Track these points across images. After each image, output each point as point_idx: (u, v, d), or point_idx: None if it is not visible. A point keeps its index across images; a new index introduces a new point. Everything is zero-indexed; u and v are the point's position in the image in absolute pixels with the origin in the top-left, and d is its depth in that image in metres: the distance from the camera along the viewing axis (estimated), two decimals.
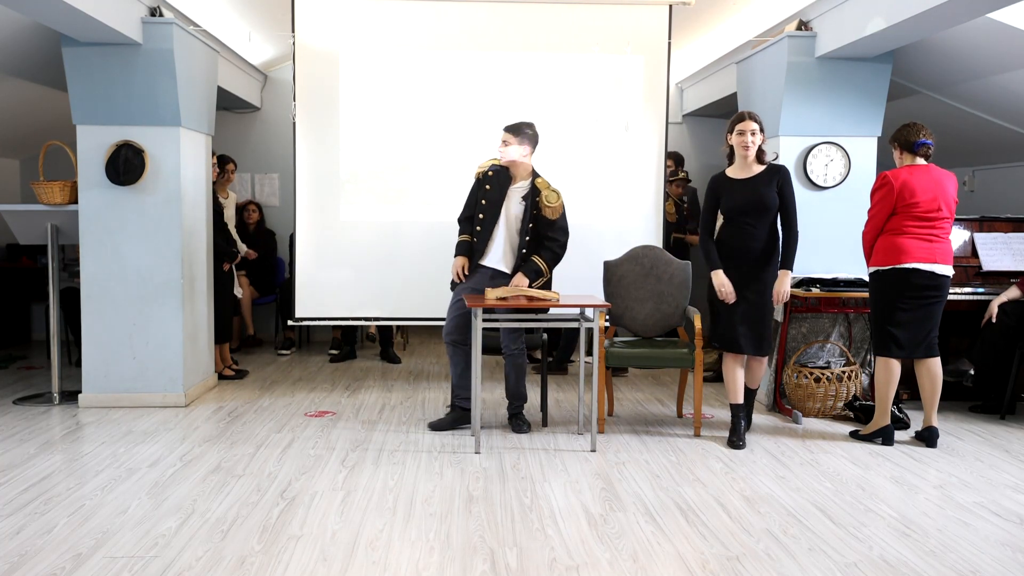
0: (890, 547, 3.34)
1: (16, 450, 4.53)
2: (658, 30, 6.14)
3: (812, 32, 5.53)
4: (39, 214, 5.58)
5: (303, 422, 5.19)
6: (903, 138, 4.71)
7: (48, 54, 5.56)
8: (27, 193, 7.75)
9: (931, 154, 4.70)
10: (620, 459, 4.50)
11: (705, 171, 8.46)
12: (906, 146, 4.69)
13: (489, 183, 4.95)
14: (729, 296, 4.72)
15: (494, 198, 4.94)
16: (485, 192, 4.96)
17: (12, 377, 6.47)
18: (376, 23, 6.11)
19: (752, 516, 3.66)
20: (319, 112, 6.11)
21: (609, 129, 6.22)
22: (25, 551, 3.21)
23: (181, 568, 3.07)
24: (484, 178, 4.99)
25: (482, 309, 4.59)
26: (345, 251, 6.19)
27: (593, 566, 3.13)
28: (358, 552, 3.23)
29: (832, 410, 5.41)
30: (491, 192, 4.95)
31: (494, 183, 4.95)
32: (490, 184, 4.95)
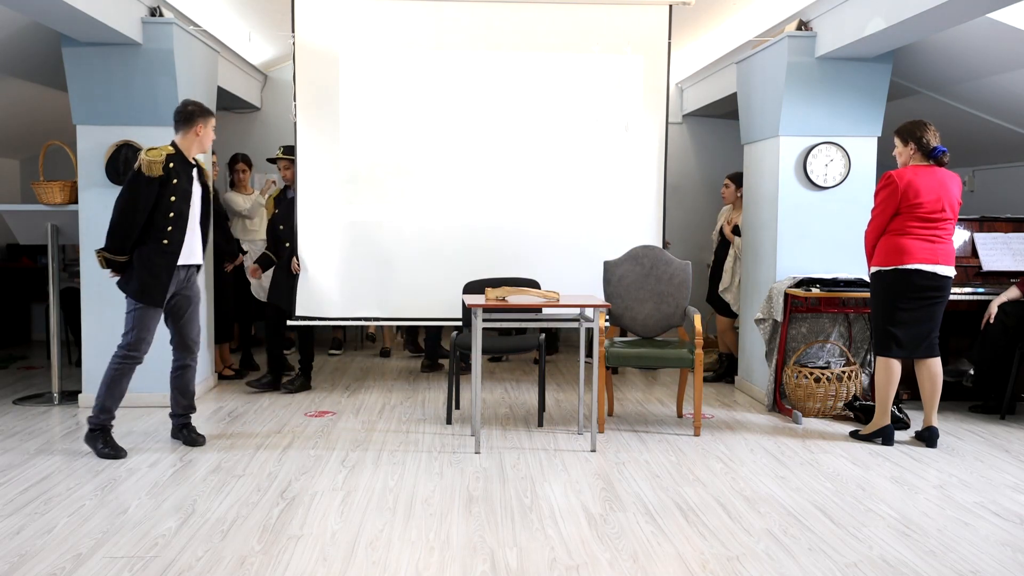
0: (890, 547, 3.34)
1: (16, 450, 4.53)
2: (658, 30, 6.14)
3: (812, 32, 5.53)
4: (39, 214, 5.59)
5: (303, 422, 5.19)
6: (917, 138, 4.66)
7: (48, 54, 5.56)
8: (27, 193, 7.75)
9: (947, 161, 4.69)
10: (620, 459, 4.50)
11: (705, 172, 8.48)
12: (923, 148, 4.66)
13: (177, 177, 4.42)
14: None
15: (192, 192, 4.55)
16: (176, 189, 4.42)
17: (12, 377, 6.47)
18: (376, 23, 6.10)
19: (752, 516, 3.66)
20: (319, 112, 6.11)
21: (609, 129, 6.22)
22: (25, 551, 3.21)
23: (181, 568, 3.07)
24: (171, 174, 4.39)
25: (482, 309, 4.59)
26: (345, 251, 6.19)
27: (593, 566, 3.13)
28: (358, 552, 3.23)
29: (832, 410, 5.41)
30: (188, 187, 4.50)
31: (185, 176, 4.49)
32: (178, 178, 4.43)
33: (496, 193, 6.22)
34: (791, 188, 5.70)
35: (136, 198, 4.32)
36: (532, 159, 6.22)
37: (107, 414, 4.41)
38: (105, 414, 4.40)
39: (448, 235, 6.21)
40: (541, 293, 4.73)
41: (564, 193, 6.25)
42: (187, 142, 4.51)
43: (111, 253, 4.36)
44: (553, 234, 6.24)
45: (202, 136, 4.54)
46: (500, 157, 6.21)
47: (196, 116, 4.51)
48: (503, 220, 6.22)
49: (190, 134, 4.51)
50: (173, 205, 4.41)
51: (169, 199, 4.39)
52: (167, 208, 4.38)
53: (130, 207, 4.32)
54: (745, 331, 6.24)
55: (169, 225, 4.40)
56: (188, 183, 4.50)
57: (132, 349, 4.39)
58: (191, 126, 4.50)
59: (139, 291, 4.38)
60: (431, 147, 6.19)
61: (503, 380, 6.58)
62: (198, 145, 4.55)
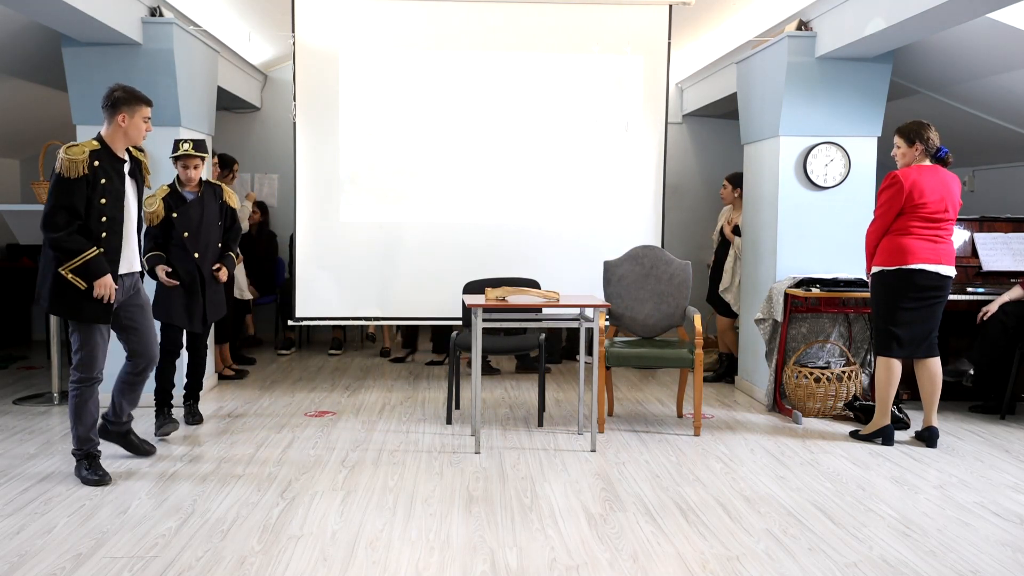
0: (890, 547, 3.34)
1: (16, 450, 4.52)
2: (658, 30, 6.15)
3: (812, 32, 5.53)
4: (39, 214, 5.55)
5: (303, 422, 5.19)
6: (924, 138, 4.66)
7: (48, 54, 5.56)
8: (27, 193, 7.75)
9: (951, 162, 4.71)
10: (620, 459, 4.50)
11: (705, 172, 8.47)
12: (928, 148, 4.67)
13: (105, 176, 3.91)
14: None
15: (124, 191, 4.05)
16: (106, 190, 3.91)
17: (12, 377, 6.47)
18: (376, 23, 6.11)
19: (752, 516, 3.66)
20: (319, 112, 6.11)
21: (609, 129, 6.22)
22: (25, 551, 3.21)
23: (181, 568, 3.07)
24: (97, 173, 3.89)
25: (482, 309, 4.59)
26: (345, 251, 6.19)
27: (593, 566, 3.13)
28: (358, 552, 3.23)
29: (832, 410, 5.41)
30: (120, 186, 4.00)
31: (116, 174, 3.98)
32: (106, 178, 3.92)
33: (496, 193, 6.23)
34: (791, 188, 5.70)
35: (69, 201, 3.79)
36: (532, 159, 6.22)
37: (87, 443, 4.02)
38: (84, 443, 4.02)
39: (448, 235, 6.21)
40: (541, 293, 4.73)
41: (564, 193, 6.25)
42: (112, 135, 3.93)
43: (75, 265, 3.82)
44: (553, 234, 6.25)
45: (127, 127, 3.92)
46: (500, 157, 6.22)
47: (120, 104, 3.91)
48: (503, 220, 6.23)
49: (114, 124, 3.92)
50: (104, 208, 3.87)
51: (99, 202, 3.86)
52: (98, 212, 3.86)
53: (64, 213, 3.79)
54: (745, 331, 6.24)
55: (103, 231, 3.88)
56: (120, 182, 3.95)
57: (85, 370, 3.97)
58: (114, 115, 3.91)
59: (74, 308, 3.88)
60: (431, 147, 6.19)
61: (503, 380, 6.58)
62: (124, 138, 3.95)
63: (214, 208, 4.94)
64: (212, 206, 4.93)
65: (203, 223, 4.87)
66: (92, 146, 3.88)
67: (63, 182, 3.80)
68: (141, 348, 4.19)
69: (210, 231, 4.92)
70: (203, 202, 4.89)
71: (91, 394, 4.02)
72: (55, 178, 3.83)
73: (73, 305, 3.89)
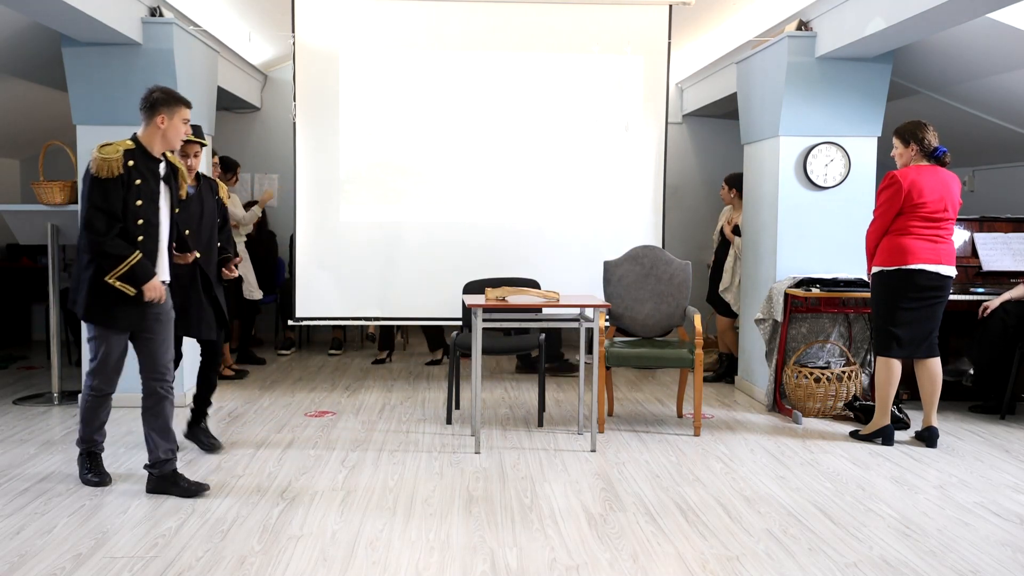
0: (890, 547, 3.33)
1: (16, 450, 4.52)
2: (658, 30, 6.15)
3: (812, 32, 5.53)
4: (39, 214, 5.58)
5: (303, 422, 5.19)
6: (919, 139, 4.66)
7: (48, 54, 5.56)
8: (27, 193, 7.75)
9: (948, 162, 4.70)
10: (620, 459, 4.50)
11: (705, 172, 8.47)
12: (923, 148, 4.67)
13: (140, 177, 3.73)
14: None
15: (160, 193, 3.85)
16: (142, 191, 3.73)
17: (12, 377, 6.47)
18: (376, 23, 6.11)
19: (752, 516, 3.66)
20: (319, 112, 6.11)
21: (609, 129, 6.22)
22: (25, 551, 3.21)
23: (181, 568, 3.07)
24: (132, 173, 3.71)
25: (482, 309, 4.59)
26: (345, 251, 6.19)
27: (593, 566, 3.13)
28: (358, 552, 3.23)
29: (832, 410, 5.41)
30: (155, 188, 3.81)
31: (152, 175, 3.79)
32: (142, 179, 3.73)
33: (496, 193, 6.23)
34: (791, 188, 5.70)
35: (105, 203, 3.61)
36: (532, 159, 6.22)
37: (91, 443, 3.95)
38: (88, 443, 3.94)
39: (448, 235, 6.22)
40: (541, 293, 4.73)
41: (564, 193, 6.26)
42: (150, 136, 3.75)
43: (121, 272, 3.65)
44: (553, 234, 6.25)
45: (165, 129, 3.74)
46: (500, 157, 6.22)
47: (159, 105, 3.73)
48: (503, 220, 6.23)
49: (152, 126, 3.74)
50: (140, 210, 3.69)
51: (135, 203, 3.67)
52: (134, 215, 3.67)
53: (102, 216, 3.61)
54: (745, 331, 6.24)
55: (139, 234, 3.69)
56: (155, 184, 3.77)
57: (99, 380, 3.81)
58: (152, 116, 3.74)
59: (96, 313, 3.71)
60: (431, 147, 6.19)
61: (503, 380, 6.58)
62: (161, 140, 3.77)
63: (212, 203, 4.51)
64: (210, 201, 4.50)
65: (203, 219, 4.43)
66: (126, 145, 3.71)
67: (97, 183, 3.63)
68: (149, 361, 3.86)
69: (211, 228, 4.50)
70: (202, 197, 4.44)
71: (102, 403, 3.90)
72: (88, 179, 3.65)
73: (109, 312, 3.72)
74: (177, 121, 3.78)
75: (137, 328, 3.79)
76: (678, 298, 5.39)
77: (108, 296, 3.68)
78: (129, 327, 3.78)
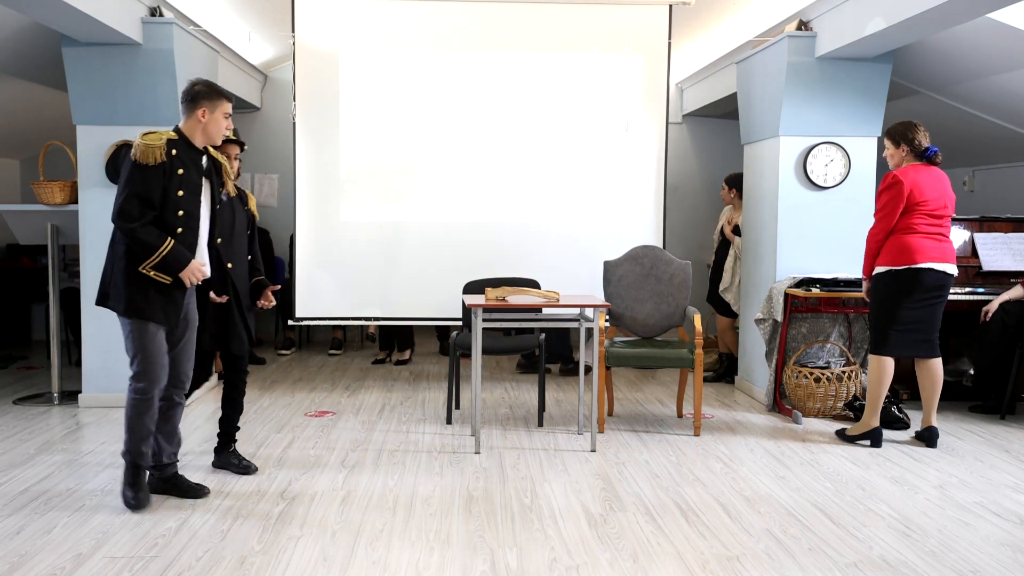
0: (890, 547, 3.33)
1: (16, 450, 4.52)
2: (658, 30, 6.15)
3: (812, 32, 5.53)
4: (39, 214, 5.59)
5: (303, 422, 5.19)
6: (909, 139, 4.67)
7: (48, 54, 5.56)
8: (27, 193, 7.75)
9: (939, 161, 4.70)
10: (620, 459, 4.50)
11: (704, 172, 8.47)
12: (914, 149, 4.67)
13: (183, 167, 3.60)
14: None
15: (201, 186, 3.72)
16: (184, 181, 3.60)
17: (12, 377, 6.47)
18: (376, 23, 6.11)
19: (752, 516, 3.66)
20: (319, 112, 6.11)
21: (609, 129, 6.22)
22: (25, 551, 3.21)
23: (181, 568, 3.07)
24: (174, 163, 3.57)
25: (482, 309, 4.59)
26: (345, 251, 6.19)
27: (593, 566, 3.13)
28: (358, 552, 3.23)
29: (832, 410, 5.41)
30: (197, 179, 3.69)
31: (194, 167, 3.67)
32: (184, 169, 3.61)
33: (496, 193, 6.23)
34: (791, 188, 5.70)
35: (144, 189, 3.47)
36: (532, 159, 6.23)
37: (138, 456, 3.66)
38: (135, 455, 3.66)
39: (448, 235, 6.22)
40: (541, 293, 4.73)
41: (564, 193, 6.26)
42: (191, 128, 3.66)
43: (154, 262, 3.51)
44: (553, 234, 6.25)
45: (207, 123, 3.64)
46: (500, 157, 6.22)
47: (200, 98, 3.64)
48: (503, 220, 6.23)
49: (193, 119, 3.65)
50: (181, 201, 3.56)
51: (176, 194, 3.54)
52: (175, 205, 3.55)
53: (137, 202, 3.48)
54: (745, 331, 6.24)
55: (179, 226, 3.57)
56: (197, 175, 3.65)
57: (145, 379, 3.60)
58: (193, 109, 3.64)
59: (137, 306, 3.54)
60: (431, 147, 6.20)
61: (503, 380, 6.58)
62: (202, 135, 3.67)
63: (243, 214, 4.26)
64: (240, 210, 4.24)
65: (235, 229, 4.18)
66: (169, 135, 3.60)
67: (138, 169, 3.49)
68: (172, 368, 3.75)
69: (241, 239, 4.23)
70: (233, 205, 4.19)
71: (148, 408, 3.63)
72: (129, 165, 3.52)
73: (150, 304, 3.55)
74: (219, 115, 3.67)
75: (173, 324, 3.65)
76: (678, 298, 5.39)
77: (147, 288, 3.55)
78: (167, 322, 3.61)
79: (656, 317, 5.39)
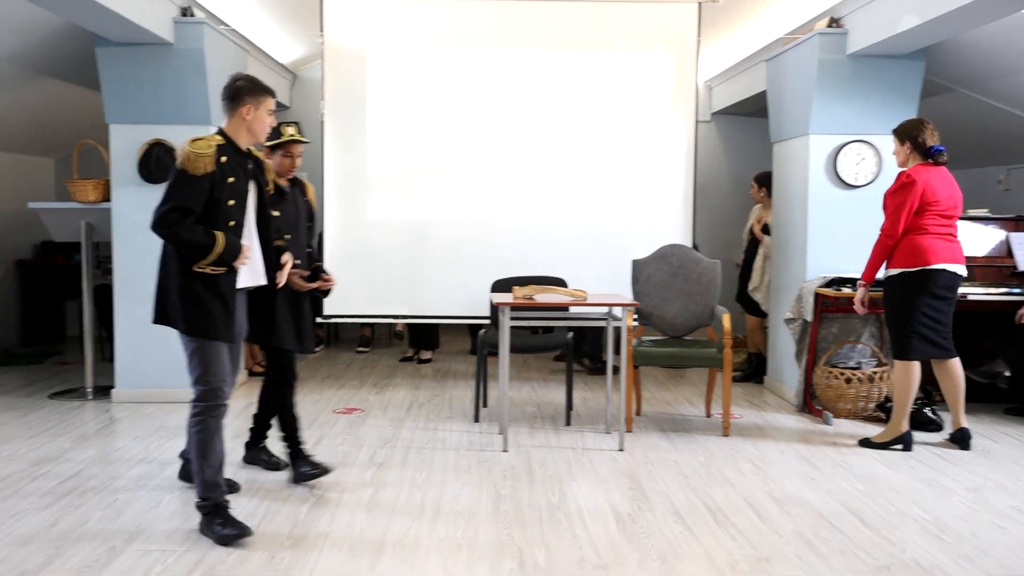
0: (923, 550, 3.29)
1: (51, 444, 4.59)
2: (687, 28, 6.13)
3: (843, 29, 5.47)
4: (73, 212, 5.67)
5: (331, 419, 5.22)
6: (914, 137, 4.60)
7: (82, 54, 5.63)
8: (61, 191, 7.86)
9: (945, 161, 4.62)
10: (648, 459, 4.48)
11: (733, 170, 8.42)
12: (918, 147, 4.61)
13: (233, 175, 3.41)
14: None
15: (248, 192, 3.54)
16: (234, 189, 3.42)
17: (47, 372, 6.56)
18: (404, 22, 6.13)
19: (782, 518, 3.63)
20: (347, 111, 6.14)
21: (637, 127, 6.20)
22: (61, 543, 3.25)
23: (212, 562, 3.10)
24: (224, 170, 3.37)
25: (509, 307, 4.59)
26: (373, 249, 6.22)
27: (621, 566, 3.12)
28: (386, 549, 3.24)
29: (864, 411, 5.36)
30: (244, 186, 3.49)
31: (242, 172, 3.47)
32: (234, 176, 3.42)
33: (524, 192, 6.23)
34: (821, 186, 5.65)
35: (186, 202, 3.26)
36: (560, 157, 6.22)
37: (214, 490, 3.36)
38: (211, 490, 3.35)
39: (476, 233, 6.22)
40: (569, 292, 4.72)
41: (592, 192, 6.24)
42: (235, 128, 3.45)
43: (211, 260, 3.30)
44: (581, 233, 6.24)
45: (251, 121, 3.44)
46: (528, 155, 6.22)
47: (244, 95, 3.43)
48: (531, 219, 6.23)
49: (237, 117, 3.44)
50: (232, 211, 3.37)
51: (227, 203, 3.34)
52: (225, 216, 3.34)
53: (177, 215, 3.25)
54: (774, 331, 6.19)
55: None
56: (245, 182, 3.46)
57: (209, 395, 3.36)
58: (237, 107, 3.44)
59: (198, 323, 3.32)
60: (458, 146, 6.21)
61: (530, 379, 6.58)
62: (247, 134, 3.46)
63: (304, 205, 4.16)
64: (301, 203, 4.14)
65: (299, 223, 4.09)
66: (217, 140, 3.37)
67: (185, 179, 3.26)
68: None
69: (303, 233, 4.11)
70: (296, 199, 4.10)
71: (218, 425, 3.38)
72: (176, 174, 3.29)
73: (211, 325, 3.32)
74: (263, 112, 3.47)
75: (232, 338, 3.43)
76: (707, 297, 5.35)
77: (206, 303, 3.32)
78: (229, 337, 3.39)
79: (684, 316, 5.36)
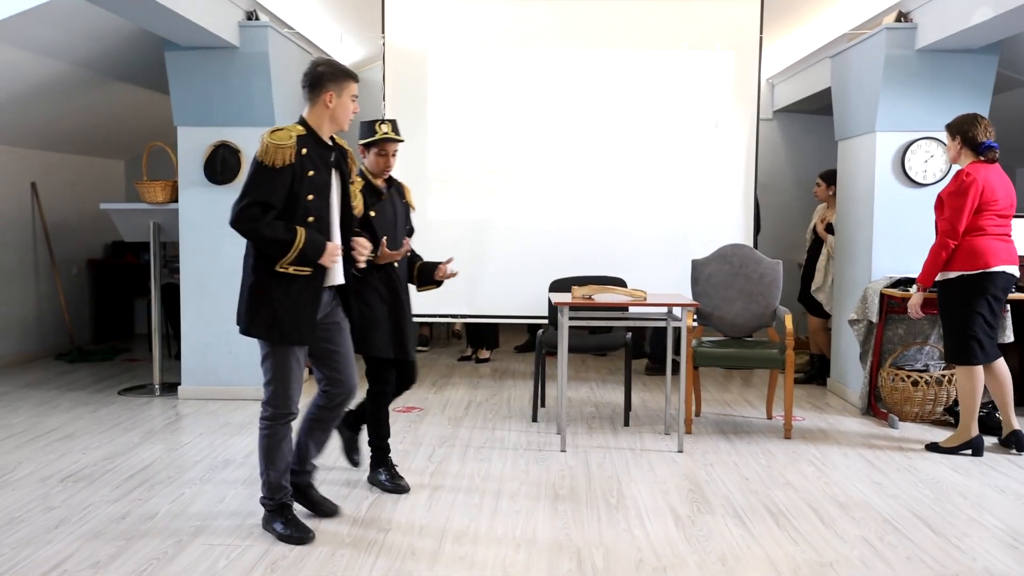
0: (995, 559, 3.19)
1: (121, 439, 4.72)
2: (749, 24, 6.04)
3: (912, 23, 5.34)
4: (142, 212, 5.83)
5: (391, 417, 5.25)
6: (964, 131, 4.50)
7: (151, 59, 5.78)
8: (131, 192, 8.08)
9: (997, 158, 4.48)
10: (708, 460, 4.43)
11: (796, 169, 8.27)
12: (970, 143, 4.48)
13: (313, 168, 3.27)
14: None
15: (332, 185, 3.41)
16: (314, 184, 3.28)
17: (117, 369, 6.76)
18: (464, 22, 6.16)
19: (846, 522, 3.55)
20: (408, 112, 6.19)
21: (698, 126, 6.14)
22: (130, 535, 3.35)
23: (275, 557, 3.16)
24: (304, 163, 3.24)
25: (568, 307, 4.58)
26: (432, 249, 6.20)
27: (681, 567, 3.09)
28: (445, 547, 3.27)
29: (931, 415, 5.22)
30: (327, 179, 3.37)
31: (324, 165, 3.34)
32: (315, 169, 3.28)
33: (583, 191, 6.21)
34: (888, 185, 5.52)
35: (266, 196, 3.14)
36: (620, 157, 6.18)
37: (279, 491, 3.36)
38: (276, 492, 3.35)
39: (534, 233, 6.22)
40: (628, 292, 4.69)
41: (652, 191, 6.19)
42: (317, 117, 3.30)
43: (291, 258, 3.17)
44: (640, 232, 6.20)
45: (334, 108, 3.29)
46: (588, 155, 6.20)
47: (325, 81, 3.27)
48: (590, 218, 6.21)
49: (319, 105, 3.29)
50: (311, 206, 3.22)
51: (306, 198, 3.21)
52: (305, 211, 3.20)
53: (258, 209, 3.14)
54: (838, 332, 6.07)
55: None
56: (327, 174, 3.31)
57: (278, 404, 3.30)
58: (319, 94, 3.28)
59: (272, 327, 3.21)
60: (518, 146, 6.21)
61: (589, 379, 6.56)
62: (330, 121, 3.32)
63: (402, 207, 4.00)
64: (400, 204, 3.98)
65: (397, 225, 3.92)
66: (298, 131, 3.23)
67: (265, 172, 3.15)
68: (341, 375, 3.47)
69: (402, 236, 3.94)
70: (393, 199, 3.94)
71: (285, 433, 3.35)
72: (255, 166, 3.18)
73: (285, 328, 3.21)
74: (346, 98, 3.33)
75: (311, 339, 3.31)
76: (768, 298, 5.27)
77: (281, 306, 3.20)
78: (305, 339, 3.27)
79: (745, 317, 5.29)
